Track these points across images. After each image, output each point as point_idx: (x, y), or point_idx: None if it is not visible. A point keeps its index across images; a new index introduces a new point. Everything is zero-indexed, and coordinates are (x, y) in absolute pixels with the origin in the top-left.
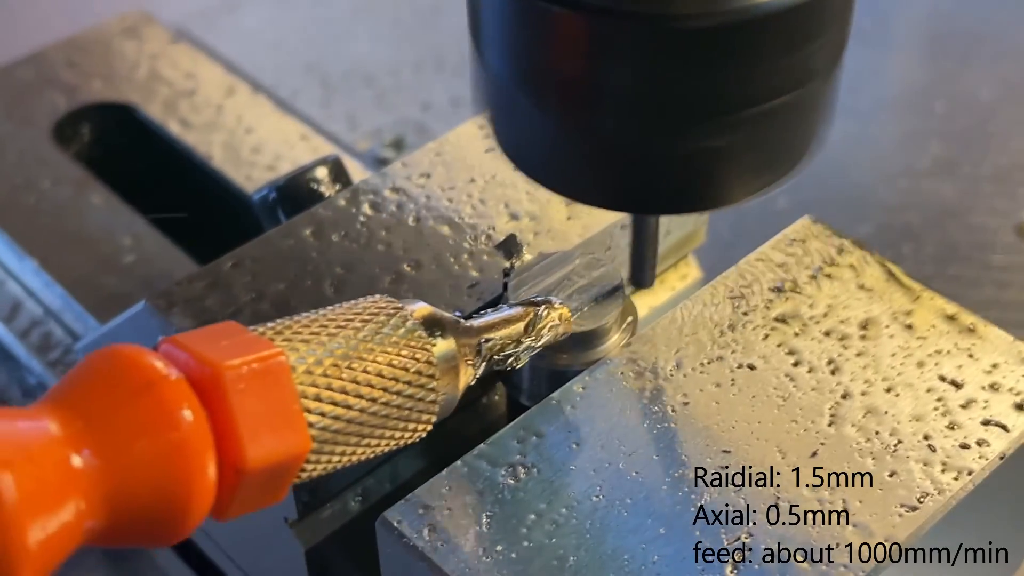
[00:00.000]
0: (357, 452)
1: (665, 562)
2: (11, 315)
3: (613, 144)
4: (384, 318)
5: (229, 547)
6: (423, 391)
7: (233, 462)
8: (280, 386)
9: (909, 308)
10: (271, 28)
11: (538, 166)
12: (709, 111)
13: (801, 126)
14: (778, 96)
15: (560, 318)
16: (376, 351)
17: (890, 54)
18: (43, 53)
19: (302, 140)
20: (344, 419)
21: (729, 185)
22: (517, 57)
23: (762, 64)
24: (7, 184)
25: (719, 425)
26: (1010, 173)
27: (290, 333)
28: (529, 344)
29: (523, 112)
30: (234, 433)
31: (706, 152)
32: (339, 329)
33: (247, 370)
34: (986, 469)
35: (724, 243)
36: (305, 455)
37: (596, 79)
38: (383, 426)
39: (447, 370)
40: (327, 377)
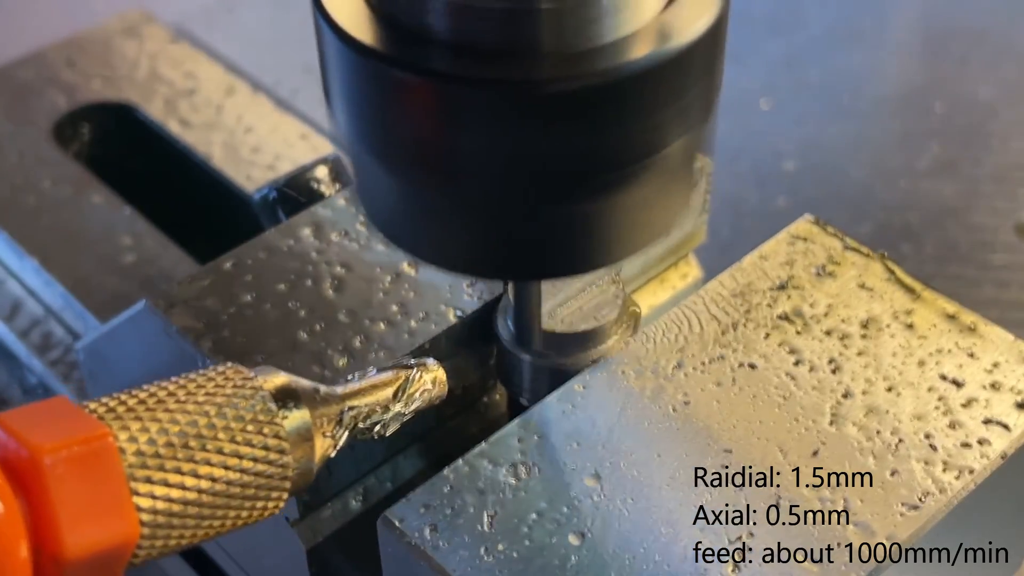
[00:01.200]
0: (198, 533)
1: (666, 562)
2: (11, 314)
3: (482, 212)
4: (231, 390)
5: (230, 547)
6: (272, 467)
7: (51, 553)
8: (105, 470)
9: (910, 307)
10: (271, 28)
11: (405, 236)
12: (575, 174)
13: (671, 185)
14: (643, 157)
15: (434, 381)
16: (218, 428)
17: (890, 54)
18: (43, 53)
19: (302, 140)
20: (180, 502)
21: (607, 247)
22: (374, 124)
23: (623, 126)
24: (7, 184)
25: (720, 424)
26: (1010, 173)
27: (124, 410)
28: (398, 411)
29: (384, 183)
30: (52, 522)
31: (578, 215)
32: (179, 404)
33: (67, 453)
34: (987, 468)
35: (724, 243)
36: (135, 541)
37: (455, 146)
38: (227, 506)
39: (299, 443)
40: (159, 458)
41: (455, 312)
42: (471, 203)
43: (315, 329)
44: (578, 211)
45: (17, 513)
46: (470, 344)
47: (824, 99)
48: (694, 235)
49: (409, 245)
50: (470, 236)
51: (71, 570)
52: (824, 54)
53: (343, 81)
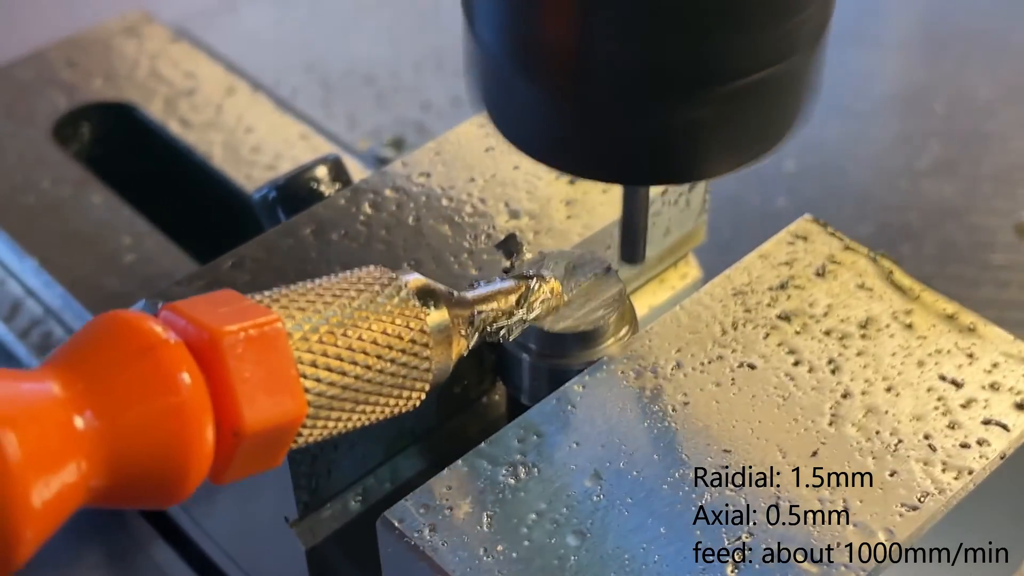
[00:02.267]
0: (352, 419)
1: (666, 562)
2: (11, 315)
3: (601, 115)
4: (379, 288)
5: (230, 547)
6: (417, 359)
7: (231, 425)
8: (277, 352)
9: (909, 307)
10: (271, 28)
11: (529, 138)
12: (695, 82)
13: (785, 100)
14: (762, 69)
15: (552, 291)
16: (371, 319)
17: (890, 54)
18: (43, 53)
19: (302, 140)
20: (339, 385)
21: (716, 157)
22: (506, 29)
23: (746, 35)
24: (7, 184)
25: (719, 424)
26: (1010, 173)
27: (287, 301)
28: (521, 316)
29: (513, 85)
30: (232, 397)
31: (693, 123)
32: (334, 298)
33: (244, 336)
34: (987, 469)
35: (724, 243)
36: (301, 420)
37: (582, 48)
38: (377, 393)
39: (440, 340)
40: (323, 344)
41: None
42: (594, 105)
43: None
44: (696, 117)
45: (203, 387)
46: None
47: (824, 99)
48: (694, 235)
49: (532, 148)
50: (590, 139)
51: (247, 443)
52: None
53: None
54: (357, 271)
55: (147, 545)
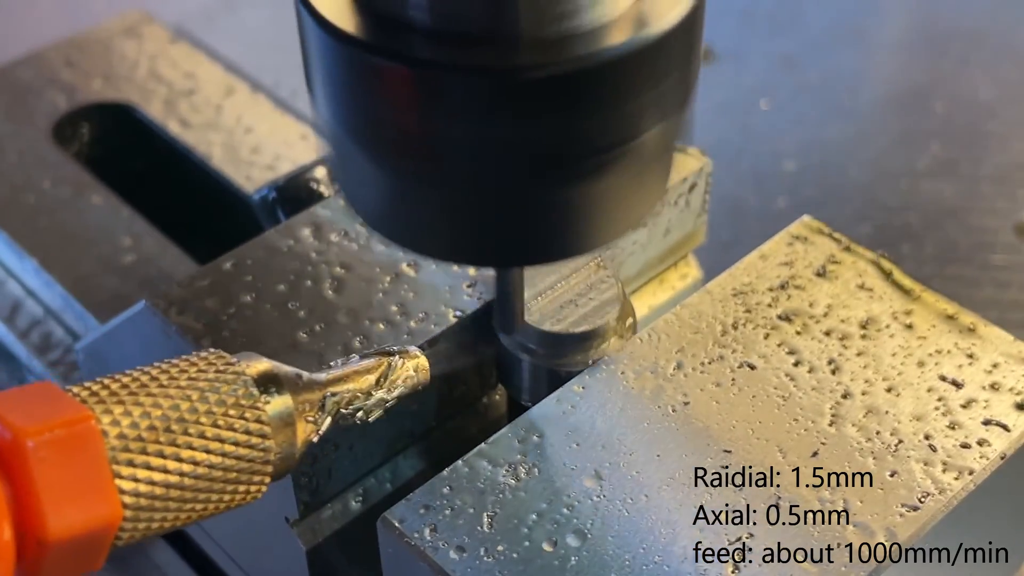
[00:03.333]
0: (181, 516)
1: (666, 562)
2: (11, 315)
3: (461, 199)
4: (214, 375)
5: (230, 547)
6: (254, 451)
7: (35, 533)
8: (88, 453)
9: (909, 308)
10: (271, 28)
11: (390, 226)
12: (553, 160)
13: (649, 172)
14: (622, 143)
15: (416, 368)
16: (200, 412)
17: (890, 54)
18: (43, 53)
19: (302, 140)
20: (163, 484)
21: (586, 233)
22: (355, 112)
23: (602, 112)
24: (7, 184)
25: (719, 425)
26: (1010, 173)
27: (107, 394)
28: (380, 397)
29: (366, 171)
30: (35, 503)
31: (557, 202)
32: (161, 389)
33: (50, 436)
34: (987, 469)
35: (724, 243)
36: (117, 524)
37: (437, 133)
38: (209, 489)
39: (282, 428)
40: (142, 441)
41: (455, 312)
42: (451, 190)
43: (315, 329)
44: (557, 197)
45: (0, 495)
46: (470, 344)
47: (824, 99)
48: (694, 235)
49: (391, 233)
50: (450, 223)
51: (54, 551)
52: (824, 54)
53: (323, 68)
54: (195, 356)
55: (147, 545)
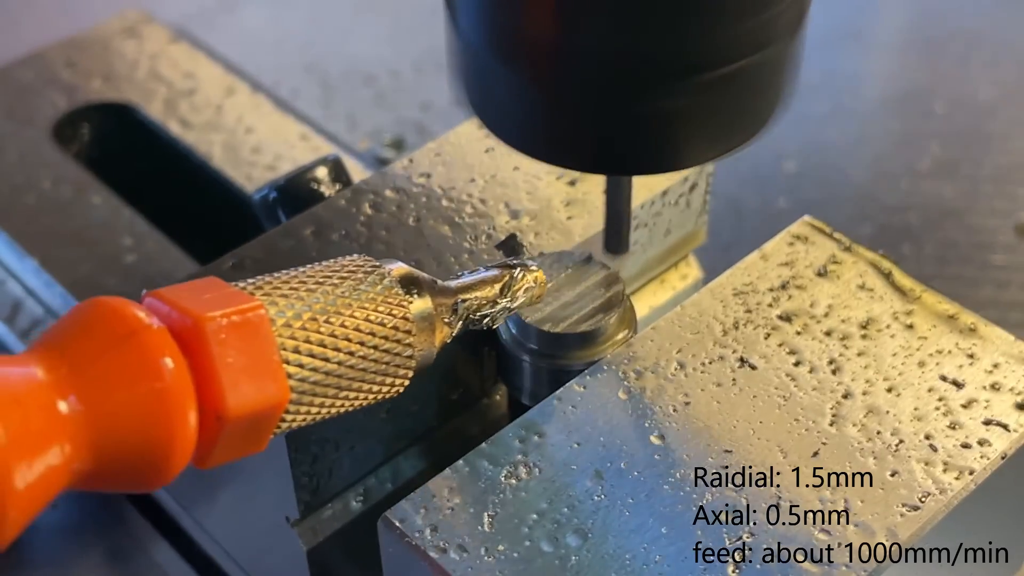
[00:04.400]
0: (336, 404)
1: (666, 562)
2: (11, 315)
3: (582, 105)
4: (362, 275)
5: (230, 547)
6: (400, 346)
7: (214, 410)
8: (260, 338)
9: (910, 308)
10: (271, 28)
11: (513, 131)
12: (673, 73)
13: (763, 89)
14: (741, 58)
15: (535, 281)
16: (354, 307)
17: (890, 54)
18: (43, 53)
19: (302, 140)
20: (322, 371)
21: (696, 146)
22: (487, 20)
23: (725, 25)
24: (7, 184)
25: (720, 425)
26: (1010, 173)
27: (270, 288)
28: (505, 305)
29: (495, 77)
30: (215, 382)
31: (672, 113)
32: (318, 285)
33: (227, 322)
34: (988, 469)
35: (724, 243)
36: (284, 405)
37: (562, 39)
38: (361, 379)
39: (423, 327)
40: (305, 331)
41: None
42: (575, 96)
43: None
44: (675, 108)
45: (186, 372)
46: (470, 344)
47: (824, 99)
48: (694, 235)
49: (519, 141)
50: (571, 129)
51: (230, 427)
52: (824, 54)
53: None
54: (341, 259)
55: (147, 545)
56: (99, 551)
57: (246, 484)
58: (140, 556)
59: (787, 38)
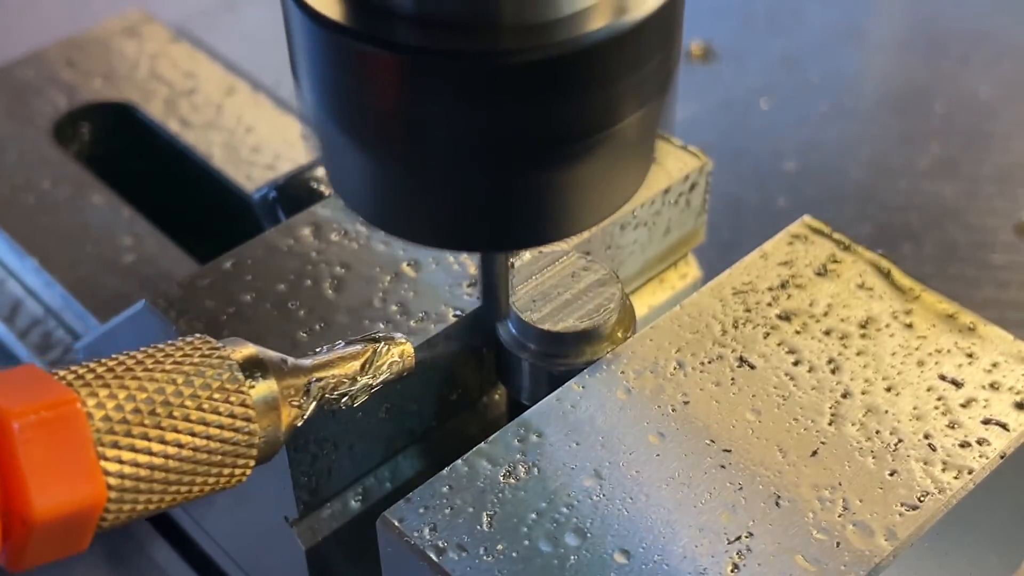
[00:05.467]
0: (166, 499)
1: (666, 562)
2: (11, 315)
3: (444, 184)
4: (199, 359)
5: (230, 547)
6: (238, 435)
7: (20, 514)
8: (73, 435)
9: (909, 307)
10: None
11: (374, 210)
12: (535, 146)
13: (631, 156)
14: (604, 128)
15: (402, 355)
16: (184, 395)
17: (890, 54)
18: (43, 53)
19: (302, 140)
20: (146, 467)
21: (566, 218)
22: (339, 98)
23: (584, 97)
24: (7, 184)
25: (719, 424)
26: (1010, 173)
27: (92, 377)
28: (366, 382)
29: (350, 156)
30: (21, 484)
31: (539, 186)
32: (147, 372)
33: (35, 418)
34: (987, 468)
35: (724, 243)
36: (102, 504)
37: (423, 118)
38: (193, 472)
39: (266, 412)
40: (127, 424)
41: (454, 312)
42: (433, 175)
43: (315, 329)
44: (539, 182)
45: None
46: (470, 344)
47: (824, 99)
48: (694, 235)
49: (377, 219)
50: (433, 208)
51: (40, 531)
52: (824, 54)
53: (306, 54)
54: (180, 340)
55: (147, 545)
56: (99, 551)
57: (245, 484)
58: (140, 556)
59: (651, 102)
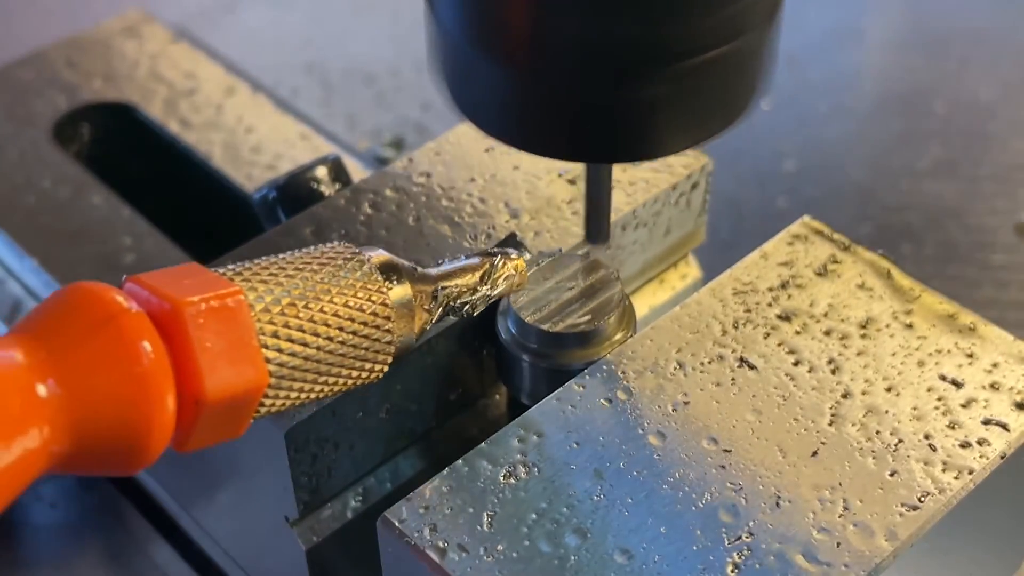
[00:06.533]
0: (315, 389)
1: (666, 562)
2: (11, 315)
3: (561, 93)
4: (342, 262)
5: (230, 547)
6: (379, 332)
7: (192, 394)
8: (238, 323)
9: (909, 307)
10: (271, 28)
11: (492, 120)
12: (650, 61)
13: (742, 77)
14: (718, 46)
15: (515, 269)
16: (333, 292)
17: (890, 54)
18: (43, 53)
19: (302, 140)
20: (301, 356)
21: (675, 134)
22: (465, 8)
23: (701, 13)
24: (7, 184)
25: (719, 424)
26: (1010, 173)
27: (249, 274)
28: (485, 293)
29: (474, 67)
30: (193, 366)
31: (652, 101)
32: (297, 271)
33: (206, 307)
34: (987, 468)
35: (724, 243)
36: (263, 389)
37: (540, 29)
38: (340, 364)
39: (402, 314)
40: (284, 316)
41: None
42: (553, 83)
43: None
44: (652, 97)
45: (165, 357)
46: (470, 344)
47: (824, 99)
48: (694, 235)
49: (496, 129)
50: (551, 117)
51: (209, 411)
52: (824, 54)
53: None
54: (322, 246)
55: (147, 545)
56: (99, 551)
57: (245, 484)
58: (140, 556)
59: (762, 27)
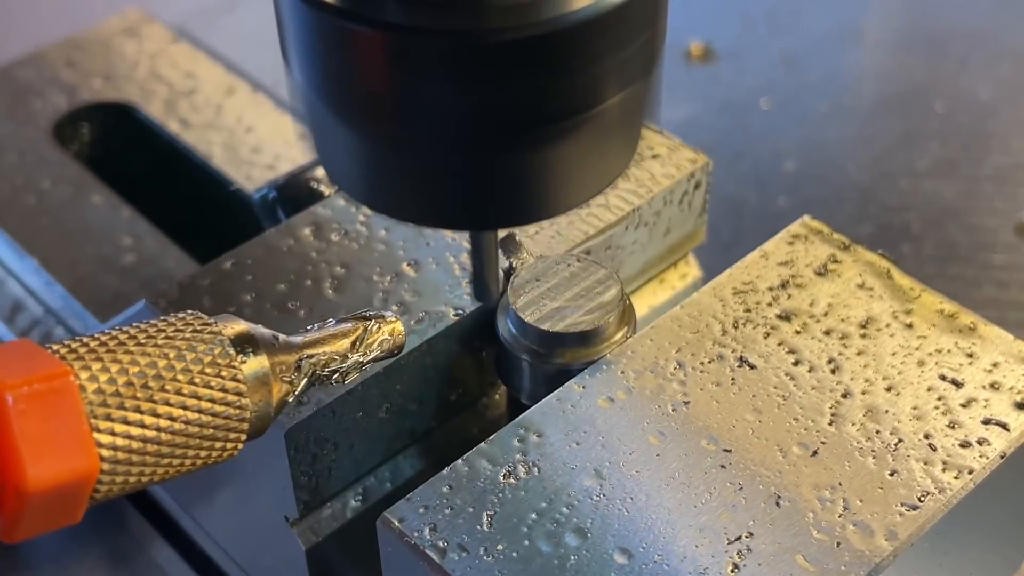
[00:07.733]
0: (159, 471)
1: (666, 561)
2: (12, 315)
3: (436, 162)
4: (191, 335)
5: (230, 547)
6: (229, 409)
7: (14, 485)
8: (67, 406)
9: (909, 307)
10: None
11: (362, 188)
12: (527, 122)
13: (616, 136)
14: (589, 108)
15: (392, 333)
16: (177, 370)
17: (891, 54)
18: (43, 53)
19: (302, 140)
20: (139, 439)
21: (552, 197)
22: (327, 77)
23: (569, 75)
24: (7, 184)
25: (719, 424)
26: (1010, 173)
27: (85, 351)
28: (356, 360)
29: (339, 136)
30: (15, 455)
31: (532, 163)
32: (140, 347)
33: (29, 391)
34: (987, 468)
35: (724, 243)
36: (95, 476)
37: (409, 97)
38: (185, 445)
39: (257, 387)
40: (119, 397)
41: (455, 312)
42: (420, 153)
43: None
44: (523, 161)
45: None
46: (470, 344)
47: (824, 99)
48: (694, 235)
49: (365, 198)
50: (420, 186)
51: (34, 502)
52: (824, 54)
53: (296, 34)
54: (173, 316)
55: (147, 545)
56: (99, 551)
57: (245, 484)
58: (140, 556)
59: (638, 82)
